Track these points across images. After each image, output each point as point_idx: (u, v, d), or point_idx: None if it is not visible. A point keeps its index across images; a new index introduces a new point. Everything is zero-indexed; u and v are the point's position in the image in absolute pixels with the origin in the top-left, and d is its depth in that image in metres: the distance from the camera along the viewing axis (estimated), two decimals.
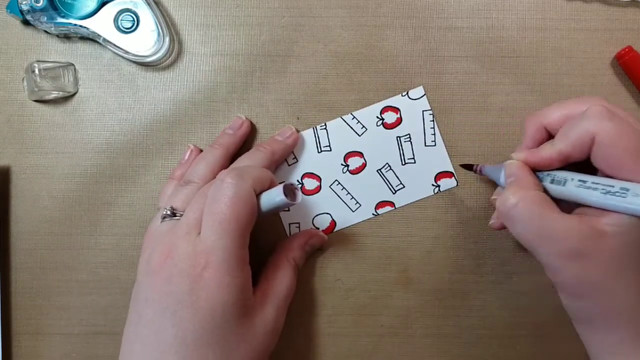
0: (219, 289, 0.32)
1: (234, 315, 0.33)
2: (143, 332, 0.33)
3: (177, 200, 0.37)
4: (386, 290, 0.42)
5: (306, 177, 0.41)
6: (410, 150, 0.41)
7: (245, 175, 0.34)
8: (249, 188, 0.34)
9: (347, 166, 0.41)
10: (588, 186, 0.31)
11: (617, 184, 0.30)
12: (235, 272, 0.33)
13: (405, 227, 0.42)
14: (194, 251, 0.33)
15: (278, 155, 0.40)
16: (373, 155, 0.41)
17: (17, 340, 0.41)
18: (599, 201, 0.30)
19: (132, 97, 0.41)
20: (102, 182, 0.41)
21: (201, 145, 0.41)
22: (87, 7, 0.39)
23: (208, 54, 0.42)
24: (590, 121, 0.30)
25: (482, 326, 0.41)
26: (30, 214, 0.41)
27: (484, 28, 0.42)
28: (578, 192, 0.31)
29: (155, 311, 0.33)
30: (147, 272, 0.34)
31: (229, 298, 0.32)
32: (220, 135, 0.40)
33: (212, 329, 0.32)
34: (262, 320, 0.35)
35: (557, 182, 0.32)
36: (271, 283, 0.37)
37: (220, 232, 0.32)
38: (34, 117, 0.41)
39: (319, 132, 0.41)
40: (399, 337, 0.42)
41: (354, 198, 0.41)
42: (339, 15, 0.42)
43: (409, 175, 0.41)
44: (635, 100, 0.42)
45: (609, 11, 0.42)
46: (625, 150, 0.29)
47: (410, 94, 0.41)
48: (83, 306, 0.41)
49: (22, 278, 0.41)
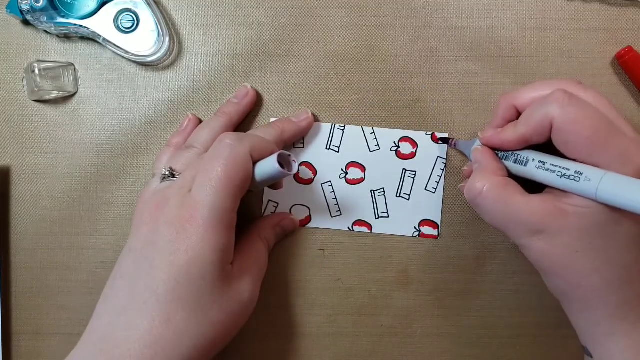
0: (200, 244, 0.32)
1: (211, 276, 0.32)
2: (118, 284, 0.33)
3: (177, 163, 0.37)
4: (386, 290, 0.42)
5: (304, 165, 0.41)
6: (410, 186, 0.41)
7: (245, 139, 0.34)
8: (245, 151, 0.33)
9: (346, 174, 0.41)
10: (547, 168, 0.32)
11: (573, 167, 0.30)
12: (219, 231, 0.32)
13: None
14: (182, 203, 0.33)
15: (288, 135, 0.39)
16: (374, 175, 0.41)
17: (17, 340, 0.41)
18: (555, 183, 0.31)
19: (132, 97, 0.41)
20: (102, 182, 0.41)
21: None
22: (87, 7, 0.39)
23: (208, 54, 0.42)
24: (549, 106, 0.31)
25: (482, 326, 0.41)
26: (30, 214, 0.41)
27: (484, 28, 0.42)
28: (537, 174, 0.32)
29: (134, 261, 0.33)
30: (136, 225, 0.34)
31: (209, 255, 0.32)
32: (225, 104, 0.40)
33: (185, 283, 0.31)
34: (238, 289, 0.34)
35: (519, 162, 0.33)
36: (246, 257, 0.36)
37: (210, 189, 0.32)
38: (34, 117, 0.41)
39: (335, 130, 0.41)
40: (399, 337, 0.42)
41: (338, 205, 0.41)
42: (339, 15, 0.42)
43: (397, 209, 0.41)
44: (635, 100, 0.42)
45: (609, 11, 0.42)
46: (580, 135, 0.30)
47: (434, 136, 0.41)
48: (83, 306, 0.41)
49: (22, 278, 0.41)
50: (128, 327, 0.31)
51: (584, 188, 0.30)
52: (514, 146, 0.33)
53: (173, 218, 0.32)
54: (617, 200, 0.28)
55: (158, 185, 0.36)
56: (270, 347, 0.41)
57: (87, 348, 0.32)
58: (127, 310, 0.31)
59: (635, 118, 0.42)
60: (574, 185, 0.30)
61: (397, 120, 0.41)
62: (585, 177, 0.30)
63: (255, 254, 0.37)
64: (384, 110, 0.42)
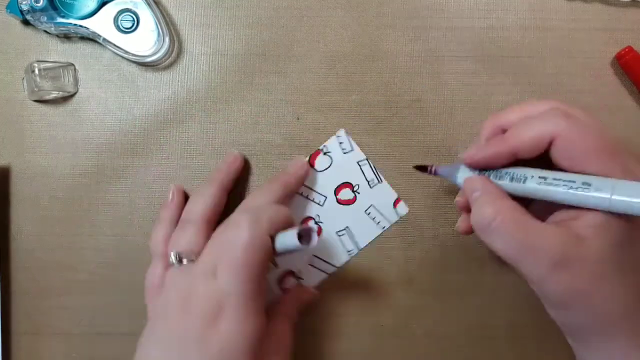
0: (231, 334, 0.32)
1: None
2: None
3: (180, 245, 0.36)
4: (386, 290, 0.42)
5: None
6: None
7: (261, 219, 0.34)
8: (264, 233, 0.33)
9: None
10: (549, 182, 0.29)
11: (578, 178, 0.29)
12: (248, 319, 0.33)
13: (405, 227, 0.42)
14: (211, 295, 0.32)
15: (291, 188, 0.39)
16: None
17: (17, 340, 0.41)
18: (563, 197, 0.29)
19: (132, 97, 0.41)
20: (102, 182, 0.41)
21: (200, 146, 0.41)
22: (87, 7, 0.39)
23: (208, 54, 0.42)
24: (549, 122, 0.30)
25: (482, 326, 0.41)
26: (30, 214, 0.41)
27: (484, 28, 0.42)
28: (539, 190, 0.30)
29: (164, 350, 0.33)
30: (162, 317, 0.34)
31: (240, 344, 0.32)
32: (214, 170, 0.40)
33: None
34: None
35: (516, 179, 0.31)
36: (272, 337, 0.36)
37: (235, 278, 0.32)
38: (34, 117, 0.41)
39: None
40: (399, 337, 0.42)
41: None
42: (339, 15, 0.42)
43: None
44: (635, 100, 0.42)
45: (609, 11, 0.42)
46: (588, 149, 0.29)
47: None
48: (83, 306, 0.41)
49: (22, 278, 0.41)
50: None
51: (597, 197, 0.28)
52: (502, 160, 0.31)
53: (203, 310, 0.32)
54: (634, 206, 0.27)
55: (172, 271, 0.35)
56: None
57: None
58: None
59: (636, 118, 0.42)
60: (584, 196, 0.28)
61: (397, 120, 0.41)
62: (596, 187, 0.28)
63: (281, 334, 0.37)
64: (384, 110, 0.42)
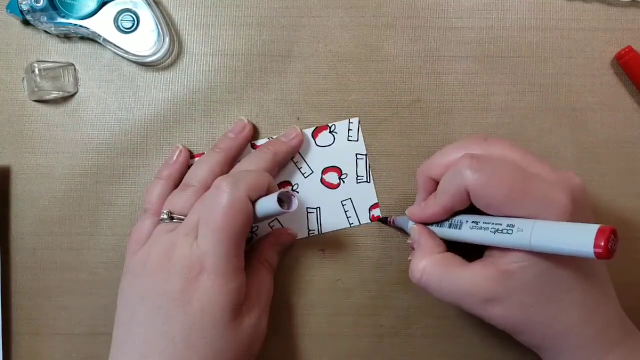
0: (211, 291, 0.33)
1: (222, 321, 0.33)
2: (134, 331, 0.34)
3: (176, 204, 0.37)
4: (386, 290, 0.42)
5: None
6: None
7: (241, 183, 0.34)
8: (243, 197, 0.34)
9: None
10: (480, 226, 0.31)
11: (504, 221, 0.30)
12: (228, 277, 0.33)
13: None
14: (190, 254, 0.33)
15: (281, 156, 0.40)
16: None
17: (17, 340, 0.41)
18: (491, 240, 0.31)
19: (132, 97, 0.41)
20: (102, 182, 0.41)
21: (200, 146, 0.41)
22: (87, 7, 0.39)
23: (208, 54, 0.42)
24: (459, 174, 0.31)
25: (482, 326, 0.41)
26: (30, 214, 0.41)
27: (484, 28, 0.42)
28: (472, 235, 0.32)
29: (148, 309, 0.33)
30: (143, 271, 0.35)
31: (220, 302, 0.33)
32: (221, 138, 0.40)
33: (199, 330, 0.32)
34: (249, 324, 0.35)
35: (454, 226, 0.33)
36: (252, 289, 0.36)
37: (214, 240, 0.33)
38: (34, 117, 0.41)
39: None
40: (399, 337, 0.42)
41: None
42: (339, 15, 0.42)
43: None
44: (635, 100, 0.42)
45: (609, 11, 0.42)
46: (497, 195, 0.30)
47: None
48: (83, 306, 0.41)
49: (22, 278, 0.41)
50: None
51: (518, 239, 0.29)
52: (440, 217, 0.34)
53: (183, 268, 0.33)
54: (550, 246, 0.28)
55: (160, 227, 0.36)
56: (271, 347, 0.41)
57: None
58: (145, 358, 0.33)
59: (636, 118, 0.42)
60: (508, 239, 0.30)
61: (397, 120, 0.41)
62: (518, 228, 0.29)
63: (260, 283, 0.38)
64: (384, 110, 0.42)
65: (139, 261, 0.35)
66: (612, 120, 0.42)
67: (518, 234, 0.29)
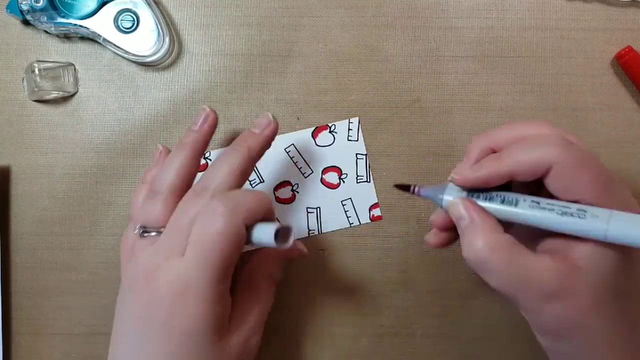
0: (194, 317, 0.32)
1: (207, 342, 0.32)
2: (122, 348, 0.34)
3: (149, 216, 0.34)
4: (386, 290, 0.42)
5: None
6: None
7: (239, 209, 0.32)
8: (240, 225, 0.32)
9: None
10: (543, 207, 0.28)
11: (573, 206, 0.28)
12: (213, 303, 0.32)
13: (404, 227, 0.42)
14: (174, 278, 0.32)
15: (255, 151, 0.36)
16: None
17: (17, 340, 0.41)
18: (556, 224, 0.28)
19: (132, 97, 0.41)
20: (102, 182, 0.41)
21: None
22: (87, 7, 0.39)
23: (208, 54, 0.42)
24: (548, 149, 0.29)
25: (482, 326, 0.41)
26: (30, 214, 0.41)
27: (484, 28, 0.42)
28: (531, 215, 0.29)
29: (134, 329, 0.33)
30: (130, 289, 0.34)
31: (202, 327, 0.32)
32: (185, 133, 0.37)
33: (184, 354, 0.32)
34: (236, 343, 0.33)
35: (508, 202, 0.30)
36: (244, 305, 0.35)
37: (203, 264, 0.31)
38: (34, 117, 0.41)
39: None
40: (399, 337, 0.42)
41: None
42: (339, 15, 0.42)
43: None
44: (635, 100, 0.42)
45: (609, 11, 0.42)
46: (585, 180, 0.28)
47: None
48: (83, 306, 0.41)
49: (22, 278, 0.41)
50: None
51: (592, 225, 0.27)
52: (496, 182, 0.30)
53: (167, 294, 0.32)
54: (630, 237, 0.26)
55: (139, 241, 0.34)
56: (271, 347, 0.41)
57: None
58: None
59: (636, 118, 0.42)
60: (578, 224, 0.27)
61: (397, 120, 0.42)
62: (592, 214, 0.27)
63: (256, 300, 0.36)
64: (384, 110, 0.42)
65: (126, 280, 0.35)
66: (612, 120, 0.42)
67: (592, 220, 0.27)
